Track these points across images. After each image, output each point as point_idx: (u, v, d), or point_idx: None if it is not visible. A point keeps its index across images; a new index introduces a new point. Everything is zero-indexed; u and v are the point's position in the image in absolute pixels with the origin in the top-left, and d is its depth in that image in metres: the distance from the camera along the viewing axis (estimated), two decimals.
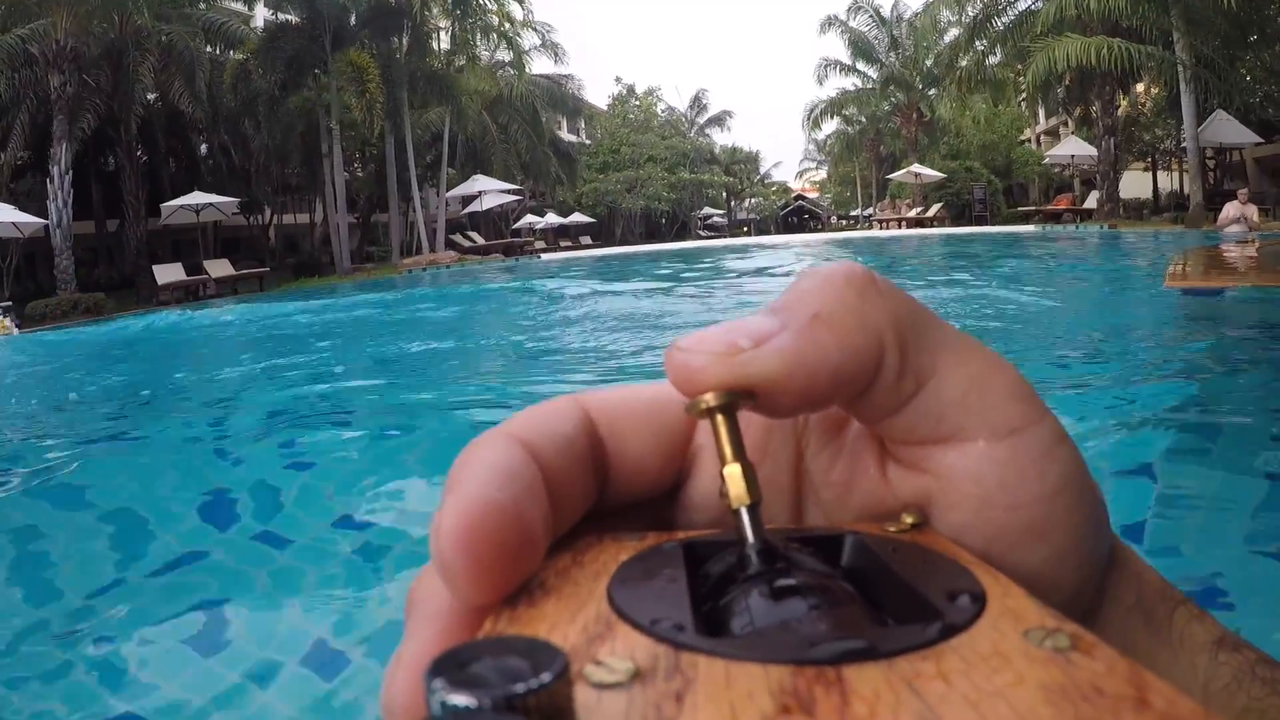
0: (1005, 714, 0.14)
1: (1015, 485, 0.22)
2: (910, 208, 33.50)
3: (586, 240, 42.87)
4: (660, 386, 0.25)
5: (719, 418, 0.22)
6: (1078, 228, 23.10)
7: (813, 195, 60.07)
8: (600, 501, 0.25)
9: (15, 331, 15.67)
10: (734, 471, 0.22)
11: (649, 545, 0.23)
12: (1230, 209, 15.97)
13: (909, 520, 0.23)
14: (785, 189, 61.26)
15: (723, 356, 0.21)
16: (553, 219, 40.09)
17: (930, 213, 31.63)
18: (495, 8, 30.03)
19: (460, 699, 0.14)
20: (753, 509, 0.21)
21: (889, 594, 0.20)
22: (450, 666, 0.15)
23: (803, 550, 0.21)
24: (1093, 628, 0.20)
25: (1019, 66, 25.99)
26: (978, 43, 26.96)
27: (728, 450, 0.22)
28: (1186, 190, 23.96)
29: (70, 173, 20.67)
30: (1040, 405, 0.23)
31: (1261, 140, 23.70)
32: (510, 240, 33.14)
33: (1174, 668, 0.24)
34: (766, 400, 0.22)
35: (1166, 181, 32.06)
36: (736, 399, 0.22)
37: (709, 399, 0.21)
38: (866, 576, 0.21)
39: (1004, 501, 0.22)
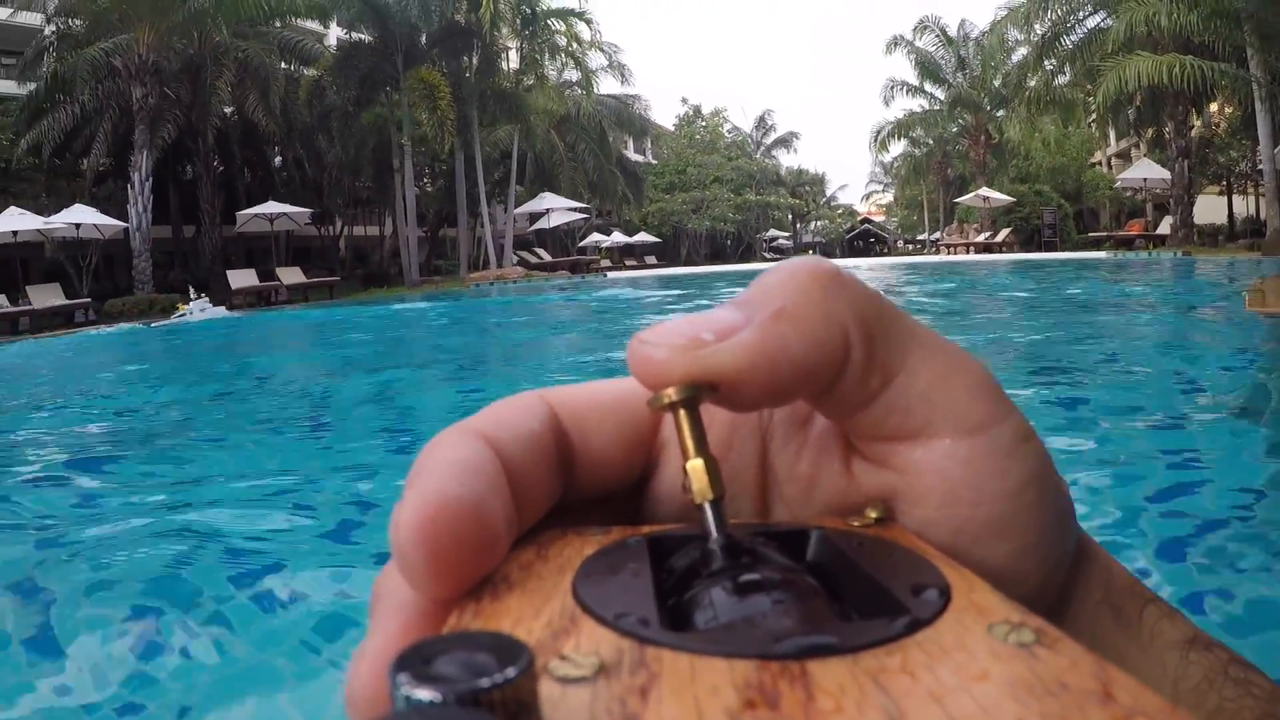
0: (969, 708, 0.14)
1: (979, 482, 0.22)
2: (978, 232, 33.02)
3: (651, 260, 43.10)
4: (625, 381, 0.25)
5: (681, 412, 0.22)
6: (1151, 254, 22.53)
7: (879, 218, 59.45)
8: (565, 496, 0.25)
9: (209, 310, 18.30)
10: (697, 466, 0.22)
11: (614, 540, 0.23)
12: None
13: (873, 515, 0.23)
14: (851, 212, 60.68)
15: (684, 349, 0.21)
16: (618, 238, 40.40)
17: (999, 238, 31.13)
18: (563, 28, 30.58)
19: (424, 693, 0.14)
20: (716, 504, 0.21)
21: (854, 588, 0.20)
22: (414, 661, 0.15)
23: (767, 545, 0.21)
24: (1060, 623, 0.20)
25: (1088, 86, 25.55)
26: (1046, 62, 26.56)
27: (690, 444, 0.22)
28: (1263, 215, 23.25)
29: (150, 180, 21.63)
30: (1006, 403, 0.23)
31: None
32: (576, 258, 33.49)
33: (1143, 665, 0.24)
34: (729, 393, 0.22)
35: (1242, 206, 31.09)
36: (699, 392, 0.21)
37: (671, 393, 0.21)
38: (831, 571, 0.21)
39: (968, 498, 0.23)
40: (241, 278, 23.02)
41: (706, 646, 0.17)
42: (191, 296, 19.02)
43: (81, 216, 20.44)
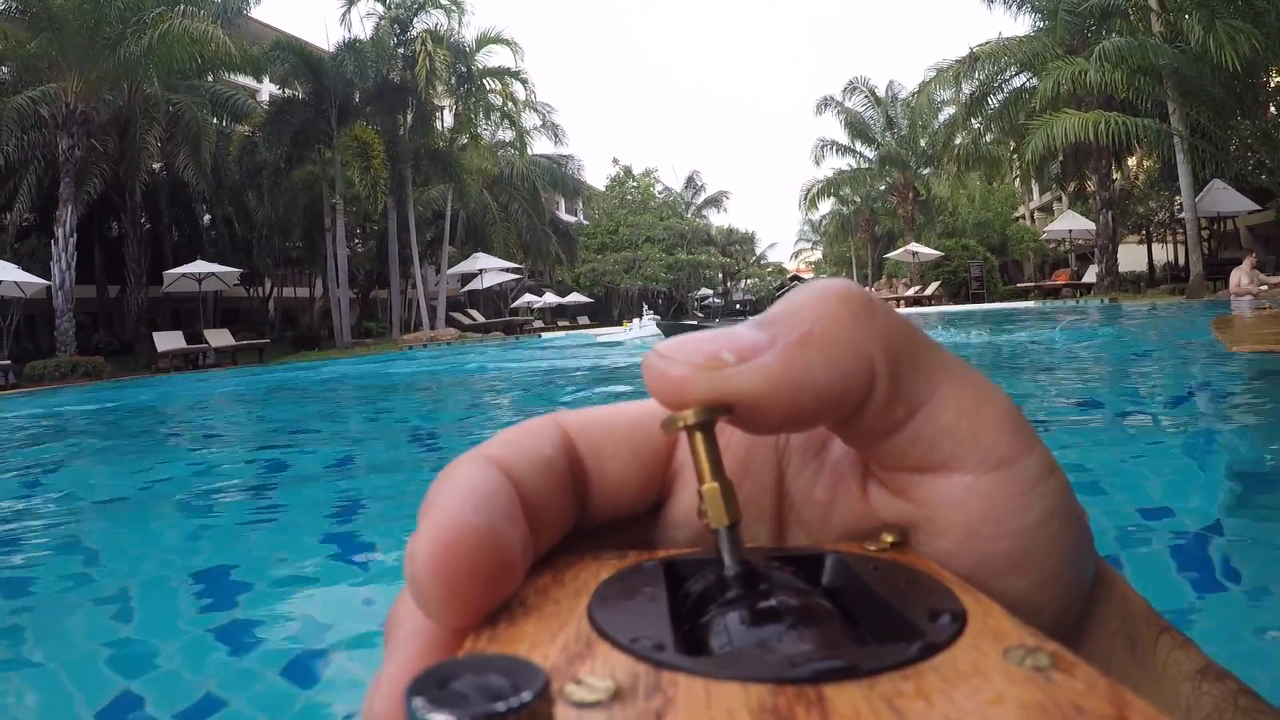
0: None
1: (1000, 517, 0.22)
2: (907, 286, 33.66)
3: (584, 320, 42.95)
4: (641, 405, 0.25)
5: (697, 435, 0.21)
6: (1078, 302, 23.08)
7: (808, 275, 60.22)
8: (581, 521, 0.25)
9: (649, 326, 20.62)
10: (713, 490, 0.21)
11: (629, 564, 0.22)
12: (1239, 275, 15.84)
13: (889, 539, 0.23)
14: (781, 269, 61.72)
15: (703, 369, 0.21)
16: (551, 298, 40.17)
17: (928, 291, 31.78)
18: (499, 88, 30.54)
19: (440, 717, 0.14)
20: (732, 528, 0.21)
21: (870, 613, 0.20)
22: (430, 685, 0.15)
23: (783, 569, 0.21)
24: (1076, 650, 0.20)
25: (1013, 143, 26.37)
26: (973, 120, 27.43)
27: (706, 468, 0.21)
28: (1183, 261, 24.04)
29: (75, 236, 20.70)
30: (1031, 436, 0.23)
31: (1258, 207, 23.93)
32: (510, 319, 33.14)
33: (1156, 694, 0.24)
34: (747, 417, 0.21)
35: (1161, 253, 32.37)
36: (715, 414, 0.21)
37: (687, 416, 0.21)
38: (847, 595, 0.21)
39: (988, 533, 0.22)
40: (168, 340, 21.88)
41: (722, 670, 0.17)
42: (645, 314, 23.43)
43: (2, 274, 19.35)
